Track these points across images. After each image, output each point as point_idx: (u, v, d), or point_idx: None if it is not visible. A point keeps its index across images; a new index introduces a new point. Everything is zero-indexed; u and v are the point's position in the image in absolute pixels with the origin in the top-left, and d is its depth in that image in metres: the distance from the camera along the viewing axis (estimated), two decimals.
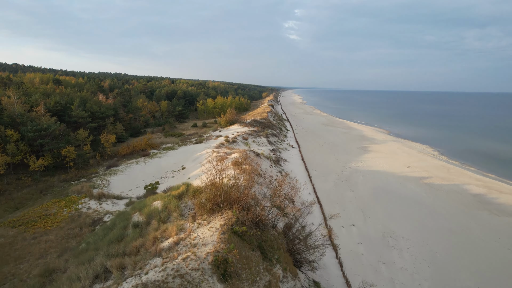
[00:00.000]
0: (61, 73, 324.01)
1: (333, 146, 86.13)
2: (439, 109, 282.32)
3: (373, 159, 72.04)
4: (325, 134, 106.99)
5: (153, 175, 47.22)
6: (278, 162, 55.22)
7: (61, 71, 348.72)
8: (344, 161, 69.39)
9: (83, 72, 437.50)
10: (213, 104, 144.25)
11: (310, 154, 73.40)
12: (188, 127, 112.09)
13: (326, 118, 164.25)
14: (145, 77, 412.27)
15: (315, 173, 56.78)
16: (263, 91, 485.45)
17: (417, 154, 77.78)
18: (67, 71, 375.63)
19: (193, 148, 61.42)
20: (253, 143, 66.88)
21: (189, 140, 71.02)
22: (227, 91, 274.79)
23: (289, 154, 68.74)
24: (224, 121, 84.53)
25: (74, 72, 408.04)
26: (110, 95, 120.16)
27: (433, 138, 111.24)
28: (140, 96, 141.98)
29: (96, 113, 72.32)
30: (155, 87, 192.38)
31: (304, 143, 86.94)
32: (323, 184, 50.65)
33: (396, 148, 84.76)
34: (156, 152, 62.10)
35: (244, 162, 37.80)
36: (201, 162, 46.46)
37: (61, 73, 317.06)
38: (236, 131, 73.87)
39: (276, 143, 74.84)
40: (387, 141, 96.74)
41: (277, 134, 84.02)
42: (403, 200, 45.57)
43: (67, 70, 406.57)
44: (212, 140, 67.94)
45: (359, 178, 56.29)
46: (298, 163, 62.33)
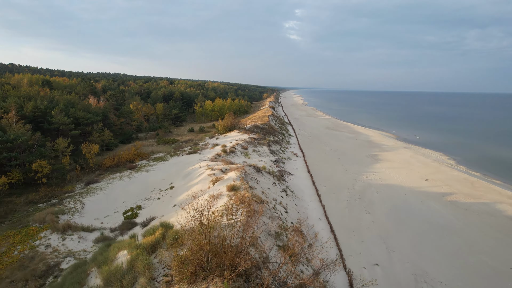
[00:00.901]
0: (57, 73, 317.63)
1: (340, 154, 79.34)
2: (443, 111, 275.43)
3: (385, 170, 65.27)
4: (330, 140, 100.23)
5: (137, 195, 40.46)
6: (282, 177, 48.44)
7: (58, 71, 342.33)
8: (354, 172, 62.63)
9: (81, 73, 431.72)
10: (212, 106, 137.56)
11: (316, 164, 66.62)
12: (184, 131, 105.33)
13: (329, 121, 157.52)
14: (144, 77, 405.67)
15: (324, 189, 49.98)
16: (264, 91, 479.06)
17: (433, 164, 70.96)
18: (64, 72, 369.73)
19: (186, 160, 54.66)
20: (253, 152, 60.14)
21: (183, 149, 64.24)
22: (227, 92, 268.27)
23: (293, 165, 61.95)
24: (222, 127, 77.75)
25: (72, 72, 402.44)
26: (102, 97, 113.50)
27: (444, 144, 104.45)
28: (134, 98, 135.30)
29: (80, 119, 65.55)
30: (152, 89, 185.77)
31: (309, 151, 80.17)
32: (334, 204, 43.84)
33: (409, 157, 77.94)
34: (144, 164, 55.35)
35: (242, 185, 31.03)
36: (192, 179, 39.74)
37: (57, 74, 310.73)
38: (235, 139, 67.10)
39: (279, 151, 68.08)
40: (398, 147, 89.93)
41: (279, 141, 77.25)
42: (429, 225, 38.76)
43: (64, 70, 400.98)
44: (208, 149, 61.19)
45: (374, 194, 49.49)
46: (303, 176, 55.53)
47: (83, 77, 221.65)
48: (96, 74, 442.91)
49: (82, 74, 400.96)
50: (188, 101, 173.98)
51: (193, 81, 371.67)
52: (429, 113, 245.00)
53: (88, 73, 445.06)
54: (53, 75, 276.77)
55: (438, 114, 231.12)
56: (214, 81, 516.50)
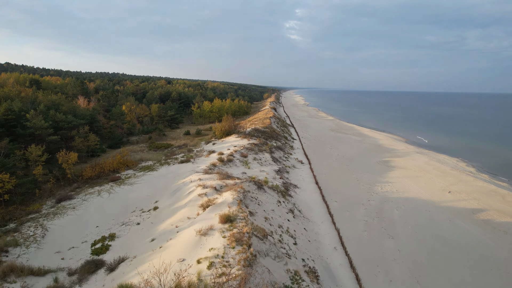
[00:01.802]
0: (53, 72, 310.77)
1: (348, 160, 72.55)
2: (448, 111, 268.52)
3: (401, 179, 58.51)
4: (336, 144, 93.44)
5: (114, 216, 33.71)
6: (287, 192, 41.68)
7: (54, 70, 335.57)
8: (367, 182, 55.86)
9: (79, 72, 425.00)
10: (210, 107, 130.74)
11: (324, 173, 59.86)
12: (179, 134, 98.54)
13: (333, 123, 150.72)
14: (142, 77, 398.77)
15: (336, 206, 43.21)
16: (264, 91, 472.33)
17: (452, 172, 64.17)
18: (61, 71, 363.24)
19: (176, 170, 47.86)
20: (253, 161, 53.36)
21: (175, 157, 57.36)
22: (226, 92, 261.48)
23: (298, 175, 55.17)
24: (219, 131, 70.87)
25: (69, 72, 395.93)
26: (93, 98, 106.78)
27: (457, 148, 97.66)
28: (128, 99, 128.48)
29: (61, 123, 58.79)
30: (148, 89, 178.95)
31: (314, 157, 73.38)
32: (350, 226, 37.08)
33: (423, 163, 71.15)
34: (129, 175, 48.57)
35: (240, 213, 24.24)
36: (180, 199, 33.00)
37: (53, 73, 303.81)
38: (233, 145, 60.32)
39: (282, 159, 61.31)
40: (410, 153, 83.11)
41: (282, 146, 70.46)
42: (467, 255, 31.99)
43: (61, 69, 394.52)
44: (202, 157, 54.40)
45: (394, 212, 42.72)
46: (311, 189, 48.74)
47: (77, 77, 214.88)
48: (94, 74, 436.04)
49: (80, 73, 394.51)
50: (186, 102, 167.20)
51: (192, 81, 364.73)
52: (433, 113, 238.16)
53: (86, 73, 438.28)
54: (49, 75, 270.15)
55: (443, 115, 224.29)
56: (214, 81, 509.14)
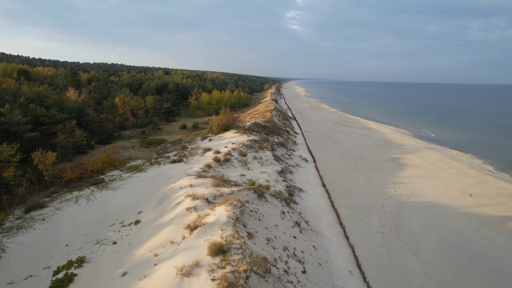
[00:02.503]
0: (49, 63, 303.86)
1: (356, 157, 67.29)
2: (452, 103, 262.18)
3: (415, 179, 53.33)
4: (341, 138, 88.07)
5: (89, 231, 28.60)
6: (291, 198, 36.55)
7: (49, 61, 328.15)
8: (378, 183, 50.70)
9: (76, 63, 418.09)
10: (208, 99, 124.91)
11: (331, 172, 54.66)
12: (175, 128, 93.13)
13: (336, 115, 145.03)
14: (140, 67, 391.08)
15: (347, 213, 38.12)
16: (265, 82, 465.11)
17: (470, 171, 58.94)
18: (58, 62, 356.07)
19: (167, 172, 42.64)
20: (253, 160, 48.10)
21: (166, 155, 52.03)
22: (226, 83, 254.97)
23: (303, 175, 49.96)
24: (217, 126, 65.29)
25: (67, 62, 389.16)
26: (84, 89, 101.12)
27: (468, 142, 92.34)
28: (123, 91, 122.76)
29: (41, 117, 53.39)
30: (145, 80, 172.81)
31: (319, 153, 68.12)
32: (364, 239, 31.99)
33: (437, 161, 65.89)
34: (114, 177, 43.38)
35: (235, 239, 19.05)
36: (165, 212, 27.85)
37: (49, 64, 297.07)
38: (231, 142, 54.97)
39: (285, 157, 56.06)
40: (421, 148, 77.75)
41: (284, 143, 65.12)
42: (509, 278, 26.95)
43: (58, 60, 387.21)
44: (197, 156, 49.08)
45: (412, 220, 37.63)
46: (318, 192, 43.59)
47: (72, 67, 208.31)
48: (92, 65, 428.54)
49: (77, 64, 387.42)
50: (184, 93, 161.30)
51: (191, 72, 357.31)
52: (437, 105, 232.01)
53: (83, 63, 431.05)
54: (44, 65, 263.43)
55: (447, 107, 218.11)
56: (214, 72, 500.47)
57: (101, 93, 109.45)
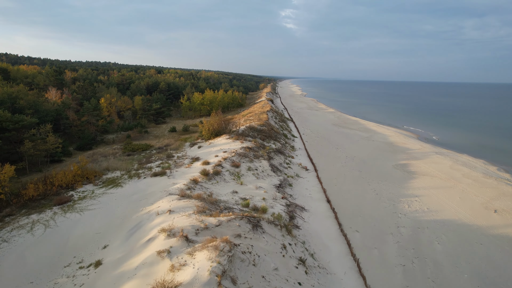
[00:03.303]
0: (37, 61, 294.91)
1: (360, 163, 61.53)
2: (452, 102, 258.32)
3: (428, 191, 47.65)
4: (341, 141, 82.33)
5: (35, 277, 22.26)
6: (293, 222, 30.55)
7: (38, 59, 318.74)
8: (389, 197, 44.93)
9: (68, 61, 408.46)
10: (200, 99, 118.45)
11: (334, 184, 48.77)
12: (164, 131, 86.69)
13: (334, 116, 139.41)
14: (132, 66, 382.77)
15: (358, 238, 32.22)
16: (260, 81, 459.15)
17: (487, 181, 53.44)
18: (48, 60, 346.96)
19: (145, 189, 36.42)
20: (248, 172, 42.00)
21: (149, 166, 45.64)
22: (220, 82, 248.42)
23: (304, 189, 43.99)
24: (207, 131, 58.93)
25: (58, 61, 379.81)
26: (66, 89, 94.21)
27: (476, 145, 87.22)
28: (110, 90, 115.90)
29: (4, 122, 46.75)
30: (135, 79, 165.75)
31: (320, 160, 62.25)
32: (383, 276, 26.11)
33: (449, 168, 60.36)
34: (85, 194, 37.04)
35: None
36: (134, 250, 21.70)
37: (37, 62, 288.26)
38: (222, 150, 48.79)
39: (283, 166, 50.03)
40: (428, 153, 72.23)
41: (282, 149, 59.11)
42: None
43: (49, 59, 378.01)
44: (182, 168, 42.78)
45: (435, 246, 31.82)
46: (323, 211, 37.62)
47: (59, 66, 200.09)
48: (84, 63, 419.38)
49: (68, 62, 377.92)
50: (176, 93, 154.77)
51: (184, 70, 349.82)
52: (435, 104, 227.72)
53: (76, 62, 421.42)
54: (33, 64, 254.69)
55: (446, 106, 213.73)
56: (208, 70, 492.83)
57: (86, 94, 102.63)
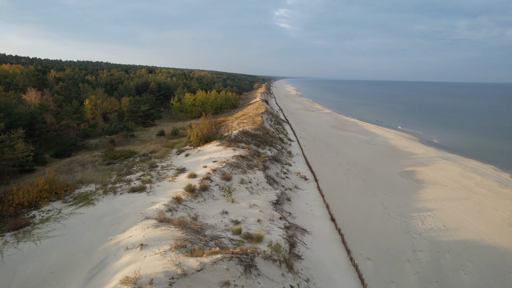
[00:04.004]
0: (25, 60, 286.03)
1: (363, 171, 56.68)
2: (449, 102, 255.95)
3: (441, 203, 42.90)
4: (341, 145, 77.54)
5: None
6: (293, 252, 25.44)
7: (26, 58, 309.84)
8: (398, 211, 40.05)
9: (58, 61, 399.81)
10: (192, 100, 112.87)
11: (337, 196, 43.79)
12: (152, 135, 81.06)
13: (331, 117, 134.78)
14: (125, 65, 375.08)
15: (370, 269, 27.18)
16: (254, 81, 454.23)
17: (503, 190, 48.88)
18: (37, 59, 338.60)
19: (119, 208, 31.06)
20: (240, 186, 36.79)
21: (128, 179, 40.09)
22: (214, 82, 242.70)
23: (304, 203, 38.92)
24: (195, 137, 53.38)
25: (49, 60, 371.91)
26: (46, 90, 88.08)
27: (483, 149, 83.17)
28: (96, 91, 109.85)
29: None
30: (124, 79, 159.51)
31: (320, 167, 57.26)
32: None
33: (459, 176, 55.80)
34: (49, 214, 31.52)
35: None
36: None
37: (25, 61, 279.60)
38: (212, 159, 43.47)
39: (280, 176, 44.89)
40: (434, 158, 67.70)
41: (278, 156, 53.98)
42: None
43: (38, 57, 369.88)
44: (165, 182, 37.37)
45: (462, 277, 26.94)
46: (327, 233, 32.55)
47: (45, 65, 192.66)
48: (75, 63, 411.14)
49: (59, 62, 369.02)
50: (167, 93, 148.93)
51: (177, 70, 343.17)
52: (433, 105, 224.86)
53: (66, 61, 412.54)
54: (20, 63, 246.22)
55: (444, 107, 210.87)
56: (202, 70, 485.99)
57: (69, 95, 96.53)
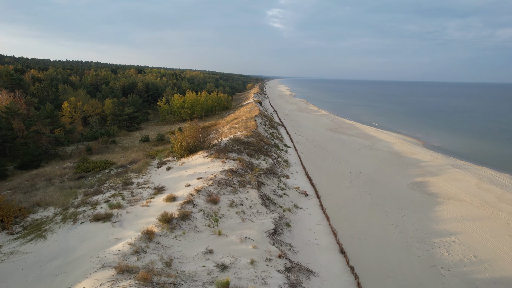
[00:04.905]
0: (8, 60, 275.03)
1: (368, 183, 50.50)
2: (446, 102, 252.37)
3: (463, 224, 36.89)
4: (341, 152, 71.41)
5: None
6: None
7: (9, 57, 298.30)
8: (417, 237, 33.85)
9: (47, 60, 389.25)
10: (181, 102, 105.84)
11: (344, 218, 37.47)
12: (135, 141, 74.00)
13: (328, 119, 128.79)
14: (113, 65, 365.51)
15: None
16: (247, 81, 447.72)
17: None
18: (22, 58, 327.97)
19: (74, 246, 24.27)
20: (230, 210, 30.19)
21: (94, 201, 33.17)
22: (206, 82, 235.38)
23: (307, 229, 32.50)
24: (179, 147, 46.38)
25: (36, 59, 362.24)
26: (18, 92, 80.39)
27: (493, 154, 77.86)
28: (77, 93, 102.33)
29: None
30: (111, 79, 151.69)
31: (320, 178, 50.97)
32: None
33: (475, 187, 49.96)
34: None
35: None
36: None
37: (8, 60, 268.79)
38: (197, 176, 36.74)
39: (277, 193, 38.36)
40: (443, 166, 61.92)
41: (274, 168, 47.46)
42: None
43: (24, 57, 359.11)
44: (138, 206, 30.60)
45: None
46: (337, 273, 26.14)
47: (27, 65, 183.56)
48: (65, 62, 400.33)
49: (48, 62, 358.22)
50: (156, 94, 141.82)
51: (169, 70, 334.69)
52: (429, 105, 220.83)
53: (55, 61, 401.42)
54: (3, 63, 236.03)
55: (441, 107, 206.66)
56: (194, 70, 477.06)
57: (46, 96, 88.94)
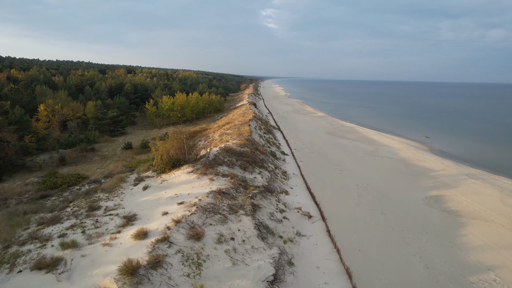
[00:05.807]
0: None
1: (379, 199, 44.19)
2: (443, 103, 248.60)
3: (499, 254, 30.77)
4: (343, 159, 65.20)
5: None
6: None
7: None
8: (448, 276, 27.53)
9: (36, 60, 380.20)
10: (170, 104, 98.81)
11: (356, 247, 31.07)
12: (116, 149, 66.95)
13: (326, 121, 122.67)
14: (107, 65, 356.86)
15: None
16: (241, 81, 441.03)
17: None
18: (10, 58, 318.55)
19: None
20: (217, 249, 23.55)
21: (45, 236, 26.36)
22: (198, 83, 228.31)
23: (314, 269, 26.01)
24: (159, 161, 39.45)
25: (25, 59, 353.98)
26: None
27: (504, 161, 72.36)
28: (58, 94, 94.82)
29: None
30: (97, 80, 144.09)
31: (324, 193, 44.59)
32: None
33: (500, 203, 43.97)
34: None
35: None
36: None
37: None
38: (178, 200, 29.89)
39: (275, 219, 31.77)
40: (458, 176, 55.95)
41: (271, 183, 40.88)
42: None
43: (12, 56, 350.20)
44: (97, 246, 23.82)
45: None
46: None
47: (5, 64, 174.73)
48: (55, 62, 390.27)
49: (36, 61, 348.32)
50: (145, 96, 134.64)
51: (160, 70, 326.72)
52: (427, 106, 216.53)
53: (44, 61, 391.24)
54: None
55: (439, 108, 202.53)
56: (187, 70, 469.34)
57: (21, 99, 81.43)
